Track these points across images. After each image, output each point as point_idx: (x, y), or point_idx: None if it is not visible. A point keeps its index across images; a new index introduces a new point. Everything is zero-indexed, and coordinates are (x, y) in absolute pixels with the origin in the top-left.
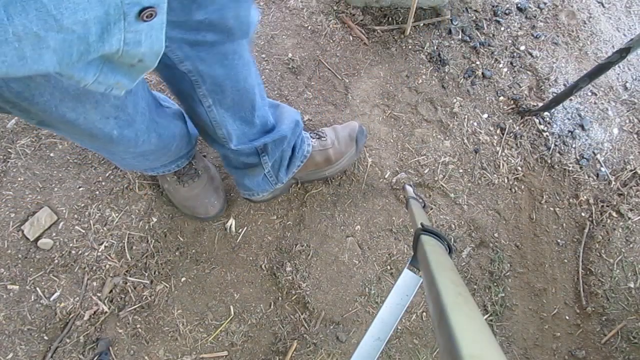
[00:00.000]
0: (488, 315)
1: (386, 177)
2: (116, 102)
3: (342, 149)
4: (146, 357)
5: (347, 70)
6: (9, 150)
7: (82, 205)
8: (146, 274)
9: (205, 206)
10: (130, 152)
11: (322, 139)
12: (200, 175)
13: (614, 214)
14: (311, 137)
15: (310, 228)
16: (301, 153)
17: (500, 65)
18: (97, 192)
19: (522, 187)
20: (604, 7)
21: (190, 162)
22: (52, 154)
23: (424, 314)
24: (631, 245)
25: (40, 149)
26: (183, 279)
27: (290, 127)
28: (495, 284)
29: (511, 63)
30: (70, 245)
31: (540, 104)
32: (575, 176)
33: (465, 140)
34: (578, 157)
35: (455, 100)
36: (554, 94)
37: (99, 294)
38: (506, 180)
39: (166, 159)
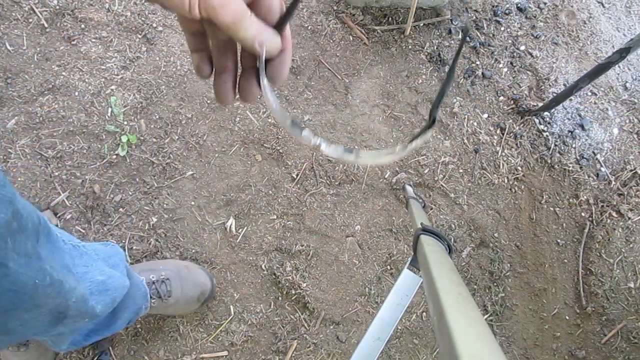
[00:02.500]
0: (488, 315)
1: (386, 177)
2: None
3: (181, 310)
4: (146, 357)
5: (347, 70)
6: (9, 150)
7: (82, 205)
8: None
9: None
10: None
11: (164, 299)
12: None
13: (614, 214)
14: (151, 296)
15: (310, 228)
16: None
17: (500, 65)
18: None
19: (522, 187)
20: (604, 7)
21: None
22: (52, 154)
23: (424, 314)
24: (631, 245)
25: (40, 149)
26: None
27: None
28: (495, 284)
29: (511, 63)
30: None
31: (540, 104)
32: (575, 176)
33: (465, 140)
34: (578, 157)
35: (455, 100)
36: (554, 94)
37: None
38: (506, 180)
39: None
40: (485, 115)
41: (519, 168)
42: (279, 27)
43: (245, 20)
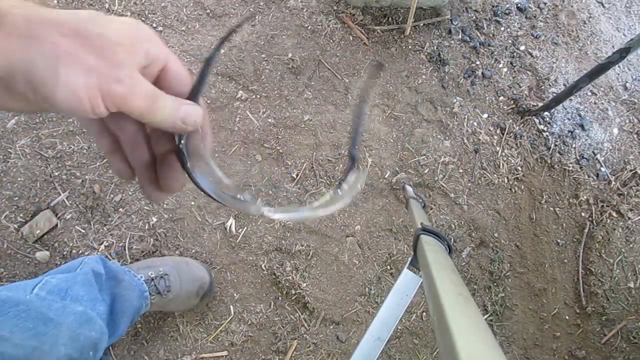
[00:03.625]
0: (488, 315)
1: (386, 177)
2: None
3: (181, 305)
4: (146, 357)
5: (347, 70)
6: (9, 150)
7: (82, 205)
8: None
9: None
10: None
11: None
12: None
13: (614, 214)
14: (150, 293)
15: (310, 228)
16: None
17: (500, 65)
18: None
19: (522, 187)
20: (604, 7)
21: None
22: (52, 154)
23: (424, 314)
24: (631, 245)
25: (40, 149)
26: None
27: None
28: (495, 284)
29: (511, 63)
30: (71, 245)
31: (540, 104)
32: (575, 176)
33: (465, 140)
34: (578, 157)
35: (455, 100)
36: (554, 94)
37: None
38: (506, 180)
39: None
40: (485, 115)
41: (519, 168)
42: (192, 99)
43: (159, 99)
